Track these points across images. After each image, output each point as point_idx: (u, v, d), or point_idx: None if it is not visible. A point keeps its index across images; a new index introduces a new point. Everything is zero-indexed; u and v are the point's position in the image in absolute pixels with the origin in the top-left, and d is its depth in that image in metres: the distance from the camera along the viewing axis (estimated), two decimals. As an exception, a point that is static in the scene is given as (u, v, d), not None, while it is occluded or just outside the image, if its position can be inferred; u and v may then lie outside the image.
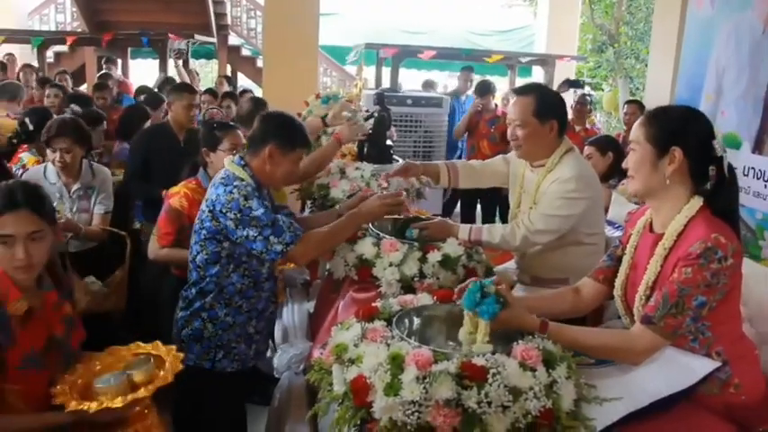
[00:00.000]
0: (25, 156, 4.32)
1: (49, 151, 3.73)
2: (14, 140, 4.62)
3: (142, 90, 8.06)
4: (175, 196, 3.36)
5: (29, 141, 4.50)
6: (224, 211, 2.58)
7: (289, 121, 2.81)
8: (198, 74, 8.77)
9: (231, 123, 3.81)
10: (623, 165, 2.11)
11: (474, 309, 1.87)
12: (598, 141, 4.44)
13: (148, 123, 5.45)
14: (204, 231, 2.69)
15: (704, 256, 1.84)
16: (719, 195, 1.97)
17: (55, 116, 4.35)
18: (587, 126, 7.15)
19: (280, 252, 2.59)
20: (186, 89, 4.83)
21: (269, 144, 2.70)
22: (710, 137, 1.96)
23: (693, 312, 1.87)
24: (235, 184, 2.61)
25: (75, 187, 3.77)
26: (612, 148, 4.29)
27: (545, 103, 2.82)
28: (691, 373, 1.88)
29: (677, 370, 1.89)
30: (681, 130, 1.97)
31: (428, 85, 9.46)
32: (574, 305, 2.27)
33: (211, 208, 2.64)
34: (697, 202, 1.97)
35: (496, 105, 7.01)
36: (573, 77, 10.73)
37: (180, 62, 8.61)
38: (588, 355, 1.97)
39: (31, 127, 4.57)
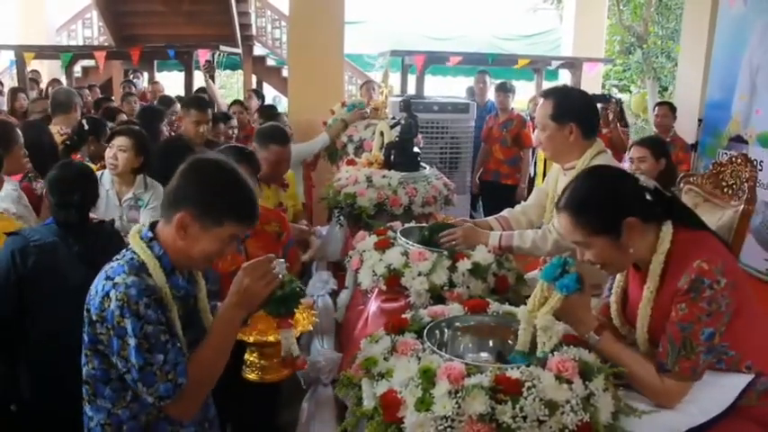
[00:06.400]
0: None
1: (107, 150, 3.81)
2: (68, 142, 4.62)
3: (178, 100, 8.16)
4: None
5: (81, 144, 4.52)
6: (96, 319, 1.78)
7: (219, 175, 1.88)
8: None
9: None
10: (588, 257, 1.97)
11: (552, 281, 1.88)
12: (653, 143, 4.06)
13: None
14: (85, 337, 1.84)
15: (693, 289, 1.78)
16: (679, 212, 1.94)
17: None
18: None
19: (150, 404, 1.80)
20: (194, 105, 4.72)
21: (181, 209, 1.80)
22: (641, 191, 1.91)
23: (705, 347, 1.80)
24: (116, 281, 1.74)
25: (127, 196, 3.84)
26: (665, 152, 3.99)
27: (562, 106, 2.80)
28: (724, 394, 1.84)
29: (709, 395, 1.84)
30: (615, 204, 1.88)
31: (472, 92, 9.26)
32: None
33: (88, 307, 1.81)
34: (667, 231, 1.89)
35: (513, 109, 6.94)
36: (600, 80, 10.62)
37: (207, 75, 8.62)
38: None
39: (86, 127, 4.64)
